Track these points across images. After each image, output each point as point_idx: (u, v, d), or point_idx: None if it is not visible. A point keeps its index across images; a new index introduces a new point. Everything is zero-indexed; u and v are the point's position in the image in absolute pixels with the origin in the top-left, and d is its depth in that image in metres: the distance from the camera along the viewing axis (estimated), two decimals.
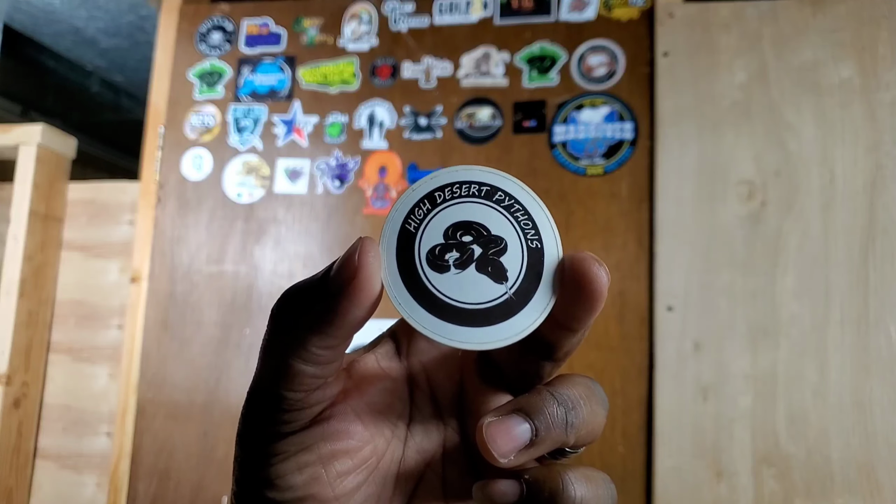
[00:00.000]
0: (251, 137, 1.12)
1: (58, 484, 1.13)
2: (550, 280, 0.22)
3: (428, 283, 0.21)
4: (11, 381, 1.09)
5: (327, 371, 0.22)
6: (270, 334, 0.22)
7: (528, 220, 0.23)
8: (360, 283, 0.20)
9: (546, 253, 0.22)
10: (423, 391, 0.26)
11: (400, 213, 0.23)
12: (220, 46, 1.16)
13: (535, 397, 0.21)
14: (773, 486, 0.86)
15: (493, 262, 0.22)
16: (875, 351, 0.86)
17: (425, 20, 1.09)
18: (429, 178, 0.23)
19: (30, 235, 1.12)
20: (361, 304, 0.20)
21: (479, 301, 0.21)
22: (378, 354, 0.26)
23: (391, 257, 0.22)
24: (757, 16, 0.96)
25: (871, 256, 0.88)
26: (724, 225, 0.92)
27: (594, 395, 0.23)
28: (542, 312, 0.21)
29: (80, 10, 1.56)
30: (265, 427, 0.22)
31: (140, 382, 1.07)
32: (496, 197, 0.23)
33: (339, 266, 0.20)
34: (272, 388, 0.21)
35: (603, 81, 1.00)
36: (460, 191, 0.23)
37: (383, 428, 0.24)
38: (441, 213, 0.22)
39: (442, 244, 0.22)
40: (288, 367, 0.21)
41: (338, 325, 0.20)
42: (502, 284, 0.21)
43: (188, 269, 1.09)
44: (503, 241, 0.22)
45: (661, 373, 0.91)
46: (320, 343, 0.21)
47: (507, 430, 0.20)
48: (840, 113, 0.91)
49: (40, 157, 1.15)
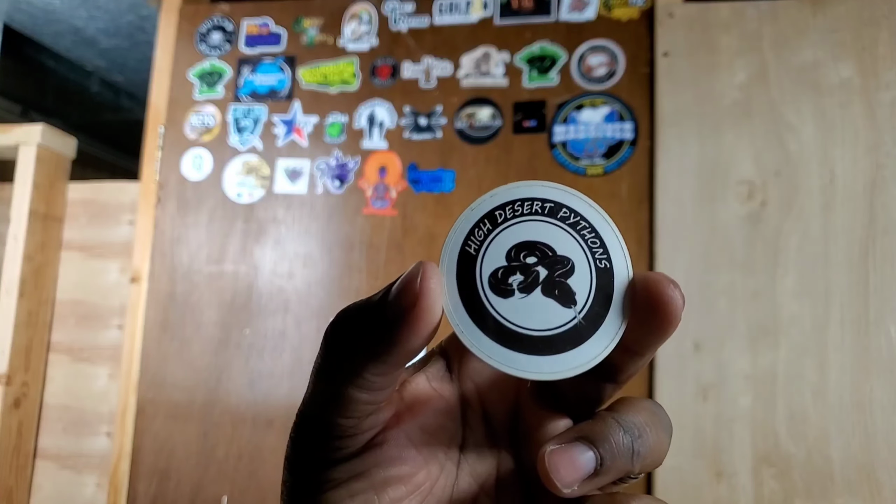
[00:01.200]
0: (251, 137, 1.12)
1: (58, 484, 1.13)
2: (621, 303, 0.21)
3: (491, 308, 0.20)
4: (11, 382, 1.09)
5: (381, 397, 0.21)
6: (324, 358, 0.21)
7: (595, 239, 0.21)
8: (421, 311, 0.19)
9: (616, 273, 0.21)
10: (476, 413, 0.25)
11: (459, 234, 0.21)
12: (220, 46, 1.16)
13: (600, 424, 0.20)
14: (773, 486, 0.86)
15: (560, 284, 0.21)
16: (875, 351, 0.85)
17: (425, 20, 1.09)
18: (488, 197, 0.22)
19: (30, 235, 1.12)
20: (421, 333, 0.19)
21: (546, 327, 0.20)
22: (429, 374, 0.25)
23: (451, 282, 0.21)
24: (757, 16, 0.96)
25: (871, 256, 0.88)
26: (724, 225, 0.92)
27: (659, 420, 0.22)
28: (614, 339, 0.20)
29: (80, 10, 1.56)
30: (316, 453, 0.22)
31: (140, 382, 1.07)
32: (560, 214, 0.22)
33: (398, 291, 0.19)
34: (324, 415, 0.21)
35: (603, 81, 1.00)
36: (522, 209, 0.22)
37: (436, 452, 0.23)
38: (502, 234, 0.21)
39: (505, 267, 0.21)
40: (342, 393, 0.20)
41: (395, 352, 0.19)
42: (570, 309, 0.20)
43: (188, 269, 1.09)
44: (570, 261, 0.21)
45: (661, 373, 0.90)
46: (376, 370, 0.20)
47: (571, 459, 0.19)
48: (840, 113, 0.91)
49: (40, 157, 1.15)
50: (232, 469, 1.02)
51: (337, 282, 1.05)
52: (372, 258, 1.04)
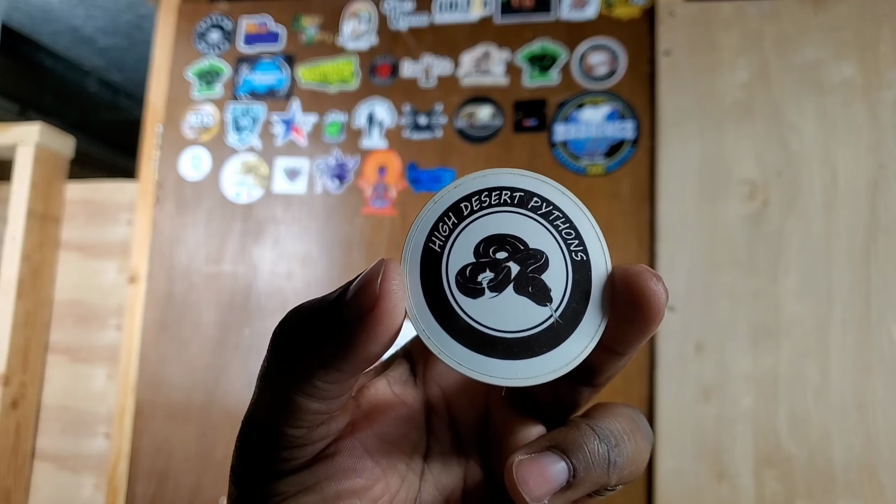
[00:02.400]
0: (250, 137, 1.11)
1: (56, 485, 1.12)
2: (600, 299, 0.19)
3: (459, 310, 0.19)
4: (9, 382, 1.08)
5: (334, 406, 0.19)
6: (270, 362, 0.19)
7: (570, 229, 0.20)
8: (381, 314, 0.17)
9: (593, 266, 0.19)
10: (441, 419, 0.23)
11: (422, 230, 0.20)
12: (219, 45, 1.16)
13: (574, 432, 0.19)
14: (774, 488, 0.85)
15: (534, 280, 0.19)
16: (877, 351, 0.85)
17: (425, 18, 1.08)
18: (451, 188, 0.20)
19: (27, 235, 1.11)
20: (380, 339, 0.17)
21: (520, 328, 0.18)
22: (391, 378, 0.23)
23: (415, 282, 0.19)
24: (758, 14, 0.96)
25: (873, 256, 0.87)
26: (726, 225, 0.92)
27: (639, 428, 0.20)
28: (593, 337, 0.19)
29: (78, 9, 1.55)
30: (262, 464, 0.20)
31: (138, 383, 1.07)
32: (531, 203, 0.20)
33: (356, 291, 0.17)
34: (271, 423, 0.19)
35: (604, 80, 1.00)
36: (489, 199, 0.20)
37: (396, 462, 0.22)
38: (469, 227, 0.20)
39: (473, 263, 0.19)
40: (290, 401, 0.18)
41: (350, 359, 0.18)
42: (546, 307, 0.19)
43: (186, 269, 1.09)
44: (543, 255, 0.19)
45: (663, 373, 0.90)
46: (328, 378, 0.18)
47: (541, 471, 0.18)
48: (842, 112, 0.91)
49: (38, 156, 1.14)
50: None
51: (336, 282, 1.04)
52: (371, 258, 1.04)
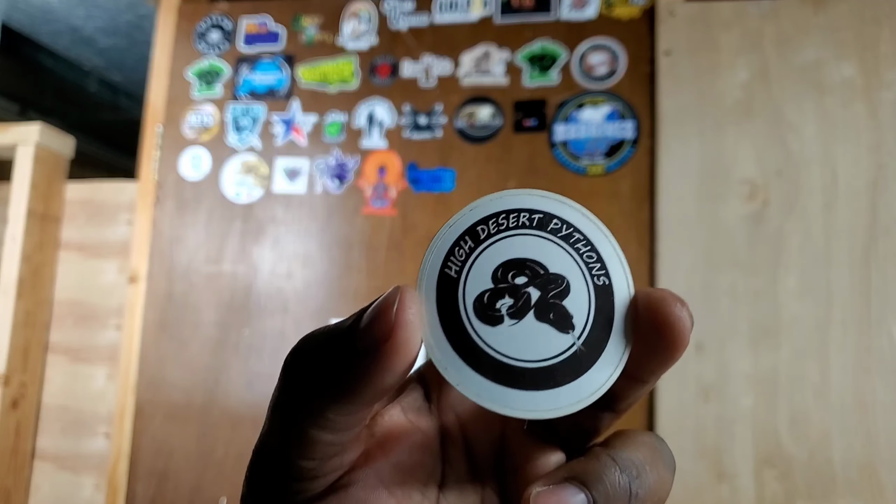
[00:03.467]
0: (250, 137, 1.11)
1: (56, 485, 1.12)
2: (622, 325, 0.18)
3: (478, 338, 0.18)
4: (9, 382, 1.08)
5: (347, 437, 0.19)
6: (282, 392, 0.19)
7: (591, 252, 0.19)
8: (397, 345, 0.16)
9: (616, 291, 0.19)
10: (457, 446, 0.23)
11: (437, 254, 0.19)
12: (219, 45, 1.16)
13: (594, 463, 0.18)
14: (774, 488, 0.85)
15: (555, 307, 0.18)
16: (877, 351, 0.85)
17: (425, 18, 1.08)
18: (467, 210, 0.20)
19: (27, 235, 1.11)
20: (395, 370, 0.17)
21: (541, 357, 0.18)
22: (405, 405, 0.23)
23: (431, 310, 0.18)
24: (758, 14, 0.96)
25: (874, 256, 0.87)
26: (726, 225, 0.92)
27: (661, 457, 0.20)
28: (617, 366, 0.18)
29: (78, 9, 1.55)
30: (272, 495, 0.19)
31: (138, 383, 1.07)
32: (551, 226, 0.19)
33: (370, 320, 0.17)
34: (282, 454, 0.19)
35: (604, 80, 1.00)
36: (507, 222, 0.19)
37: (412, 492, 0.21)
38: (487, 252, 0.19)
39: (491, 289, 0.18)
40: (302, 433, 0.18)
41: (364, 391, 0.17)
42: (568, 334, 0.18)
43: (186, 269, 1.09)
44: (564, 280, 0.18)
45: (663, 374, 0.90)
46: (341, 410, 0.18)
47: (560, 503, 0.17)
48: (842, 112, 0.91)
49: (38, 156, 1.14)
50: (230, 470, 1.02)
51: (336, 282, 1.04)
52: (371, 258, 1.04)
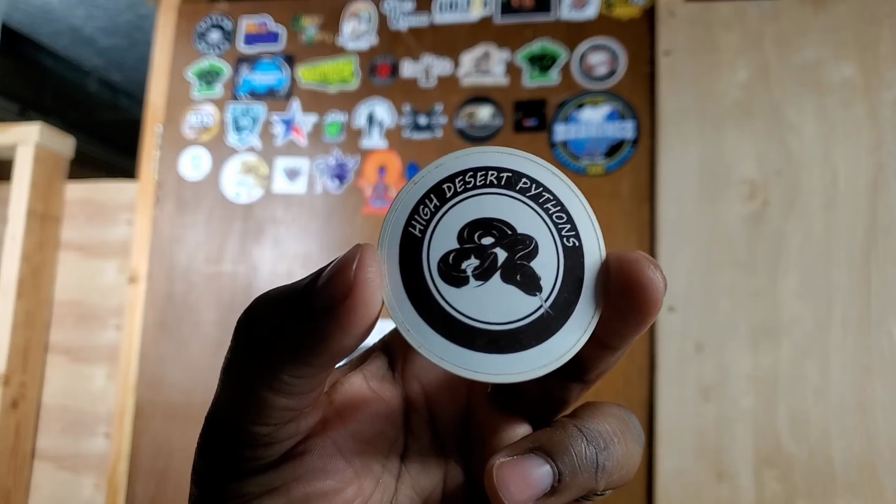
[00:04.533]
0: (250, 137, 1.11)
1: (56, 485, 1.12)
2: (593, 287, 0.18)
3: (442, 300, 0.17)
4: (9, 382, 1.08)
5: (303, 402, 0.18)
6: (234, 354, 0.18)
7: (561, 213, 0.19)
8: (356, 304, 0.16)
9: (586, 253, 0.18)
10: (421, 417, 0.22)
11: (401, 213, 0.18)
12: (219, 45, 1.16)
13: (560, 433, 0.18)
14: (774, 488, 0.85)
15: (522, 268, 0.18)
16: (877, 351, 0.85)
17: (425, 18, 1.08)
18: (433, 168, 0.19)
19: (27, 235, 1.11)
20: (354, 331, 0.16)
21: (507, 320, 0.17)
22: (367, 373, 0.22)
23: (393, 270, 0.18)
24: (758, 15, 0.96)
25: (873, 256, 0.87)
26: (726, 225, 0.92)
27: (629, 429, 0.19)
28: (586, 330, 0.17)
29: (78, 9, 1.55)
30: (225, 463, 0.18)
31: (138, 383, 1.07)
32: (520, 185, 0.19)
33: (328, 278, 0.16)
34: (234, 420, 0.18)
35: (604, 80, 1.00)
36: (474, 180, 0.19)
37: (371, 463, 0.20)
38: (452, 211, 0.18)
39: (456, 250, 0.18)
40: (254, 396, 0.17)
41: (321, 352, 0.16)
42: (535, 296, 0.17)
43: (186, 269, 1.09)
44: (532, 240, 0.18)
45: (663, 374, 0.90)
46: (296, 372, 0.17)
47: (524, 474, 0.17)
48: (842, 112, 0.91)
49: (38, 156, 1.14)
50: None
51: None
52: None
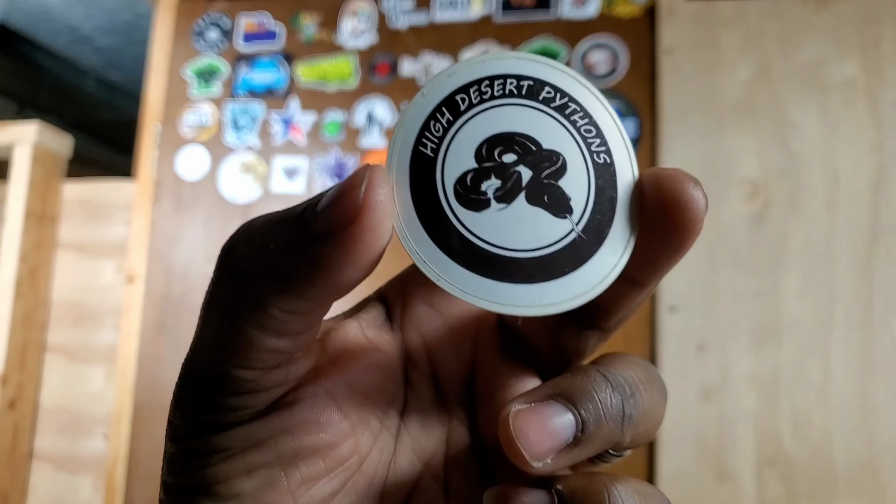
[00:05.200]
0: (248, 135, 1.11)
1: (53, 486, 1.12)
2: (626, 207, 0.16)
3: (460, 225, 0.15)
4: (7, 383, 1.08)
5: (294, 344, 0.16)
6: (216, 286, 0.15)
7: (589, 126, 0.16)
8: (363, 230, 0.14)
9: (618, 170, 0.16)
10: (422, 370, 0.20)
11: (410, 131, 0.16)
12: (217, 43, 1.15)
13: (581, 378, 0.16)
14: (776, 489, 0.85)
15: (550, 187, 0.16)
16: (879, 352, 0.85)
17: (424, 17, 1.08)
18: (444, 76, 0.17)
19: (25, 235, 1.11)
20: (359, 261, 0.14)
21: (534, 246, 0.15)
22: (363, 321, 0.20)
23: (404, 193, 0.16)
24: (760, 13, 0.95)
25: (876, 256, 0.87)
26: (728, 224, 0.91)
27: (654, 378, 0.17)
28: (623, 254, 0.16)
29: (76, 9, 1.54)
30: (203, 414, 0.16)
31: (136, 383, 1.06)
32: (543, 94, 0.17)
33: (332, 200, 0.14)
34: (214, 364, 0.15)
35: (605, 78, 0.99)
36: (491, 90, 0.16)
37: (369, 417, 0.18)
38: (468, 126, 0.16)
39: (475, 169, 0.16)
40: (239, 334, 0.15)
41: (318, 283, 0.14)
42: (565, 219, 0.16)
43: (185, 269, 1.08)
44: (560, 156, 0.16)
45: (664, 374, 0.89)
46: (289, 306, 0.14)
47: (544, 423, 0.15)
48: (844, 111, 0.91)
49: (36, 155, 1.13)
50: None
51: None
52: None
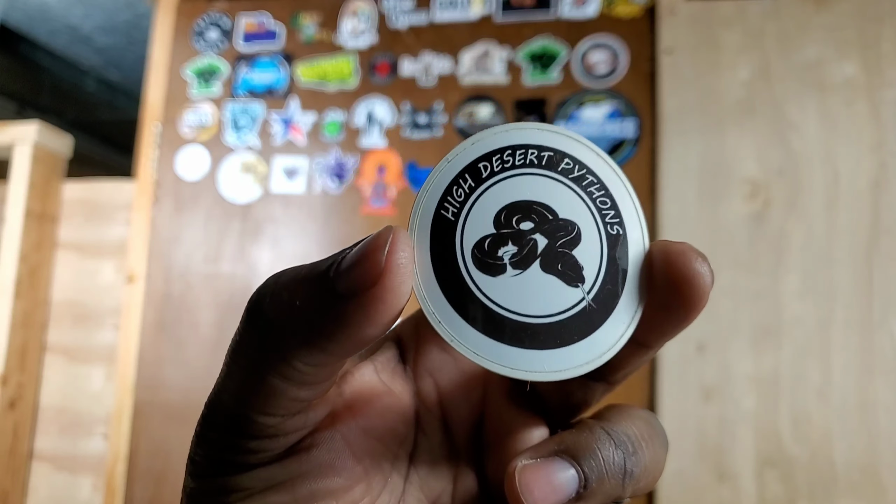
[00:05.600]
0: (248, 135, 1.10)
1: (53, 486, 1.12)
2: (636, 279, 0.17)
3: (476, 289, 0.16)
4: (7, 383, 1.08)
5: (315, 392, 0.17)
6: (243, 335, 0.16)
7: (605, 197, 0.17)
8: (384, 292, 0.14)
9: (630, 242, 0.17)
10: (433, 415, 0.21)
11: (433, 194, 0.17)
12: (217, 43, 1.15)
13: (586, 435, 0.17)
14: (776, 489, 0.85)
15: (564, 256, 0.16)
16: (879, 352, 0.85)
17: (424, 16, 1.08)
18: (468, 144, 0.17)
19: (25, 235, 1.11)
20: (379, 320, 0.15)
21: (546, 312, 0.16)
22: (378, 364, 0.21)
23: (424, 255, 0.16)
24: (760, 13, 0.95)
25: (876, 256, 0.87)
26: (727, 224, 0.91)
27: (656, 433, 0.18)
28: (630, 324, 0.16)
29: (75, 8, 1.54)
30: (225, 454, 0.17)
31: (136, 383, 1.06)
32: (562, 166, 0.17)
33: (355, 261, 0.15)
34: (238, 408, 0.17)
35: (605, 79, 0.99)
36: (513, 159, 0.17)
37: (381, 461, 0.19)
38: (489, 192, 0.17)
39: (493, 235, 0.16)
40: (263, 383, 0.16)
41: (340, 340, 0.15)
42: (577, 288, 0.16)
43: (184, 269, 1.08)
44: (575, 226, 0.17)
45: (664, 374, 0.90)
46: (311, 359, 0.15)
47: (548, 479, 0.16)
48: (844, 111, 0.90)
49: (36, 155, 1.13)
50: None
51: None
52: None
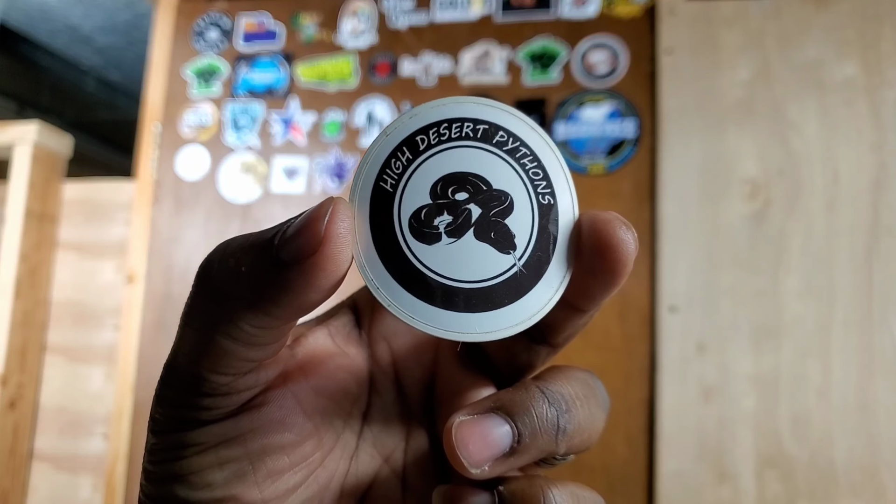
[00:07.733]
0: (248, 135, 1.11)
1: (54, 486, 1.12)
2: (565, 246, 0.18)
3: (412, 256, 0.17)
4: (7, 383, 1.08)
5: (263, 353, 0.17)
6: (193, 299, 0.17)
7: (537, 169, 0.18)
8: (324, 259, 0.15)
9: (561, 211, 0.18)
10: (386, 375, 0.22)
11: (372, 165, 0.18)
12: (217, 43, 1.15)
13: (521, 393, 0.17)
14: (776, 489, 0.85)
15: (497, 225, 0.17)
16: (879, 352, 0.85)
17: (424, 16, 1.08)
18: (406, 118, 0.18)
19: (25, 235, 1.11)
20: (320, 286, 0.16)
21: (479, 278, 0.17)
22: (332, 329, 0.21)
23: (363, 225, 0.17)
24: (760, 13, 0.95)
25: (876, 256, 0.87)
26: (728, 224, 0.91)
27: (593, 393, 0.19)
28: (558, 289, 0.17)
29: (75, 8, 1.54)
30: (182, 411, 0.18)
31: (136, 383, 1.06)
32: (496, 138, 0.18)
33: (297, 230, 0.15)
34: (192, 367, 0.17)
35: (605, 79, 0.99)
36: (449, 132, 0.18)
37: (333, 419, 0.20)
38: (426, 164, 0.18)
39: (429, 205, 0.17)
40: (214, 344, 0.17)
41: (283, 304, 0.16)
42: (509, 254, 0.17)
43: (184, 269, 1.08)
44: (508, 197, 0.18)
45: (664, 374, 0.90)
46: (256, 322, 0.16)
47: (483, 434, 0.16)
48: (844, 111, 0.90)
49: (36, 155, 1.13)
50: None
51: None
52: None
